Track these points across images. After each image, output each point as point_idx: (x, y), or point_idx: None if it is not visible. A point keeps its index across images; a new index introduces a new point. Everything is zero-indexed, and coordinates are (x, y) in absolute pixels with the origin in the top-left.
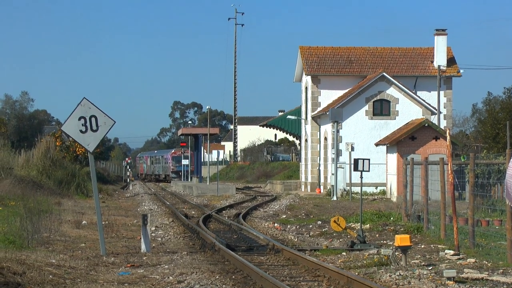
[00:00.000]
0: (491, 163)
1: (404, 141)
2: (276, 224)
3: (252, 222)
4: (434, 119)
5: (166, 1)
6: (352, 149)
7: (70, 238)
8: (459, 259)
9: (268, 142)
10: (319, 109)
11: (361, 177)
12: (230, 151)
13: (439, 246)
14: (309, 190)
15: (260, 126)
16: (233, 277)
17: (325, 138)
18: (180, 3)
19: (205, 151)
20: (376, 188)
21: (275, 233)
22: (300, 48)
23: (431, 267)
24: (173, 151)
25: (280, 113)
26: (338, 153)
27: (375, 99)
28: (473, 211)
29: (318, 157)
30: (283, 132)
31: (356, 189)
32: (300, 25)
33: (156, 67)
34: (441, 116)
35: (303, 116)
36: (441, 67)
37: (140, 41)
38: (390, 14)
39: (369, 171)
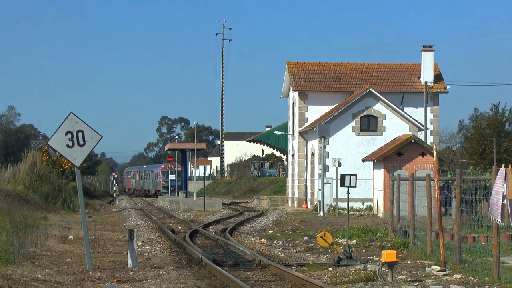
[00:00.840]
0: (478, 179)
1: (391, 157)
2: (262, 240)
3: (239, 238)
4: (421, 135)
5: (153, 16)
6: (339, 164)
7: (56, 253)
8: (445, 275)
9: (255, 157)
10: (306, 124)
11: (348, 193)
12: (217, 166)
13: (425, 262)
14: (296, 206)
15: (247, 141)
16: None
17: (312, 154)
18: (168, 18)
19: (192, 166)
20: (363, 203)
21: (262, 248)
22: (287, 64)
23: (417, 283)
24: (163, 165)
25: (267, 129)
26: (325, 168)
27: (362, 115)
28: (460, 227)
29: (305, 173)
30: (270, 147)
31: (343, 205)
32: (288, 41)
33: (143, 82)
34: (428, 132)
35: (290, 132)
36: (428, 83)
37: (127, 55)
38: (377, 30)
39: (356, 186)
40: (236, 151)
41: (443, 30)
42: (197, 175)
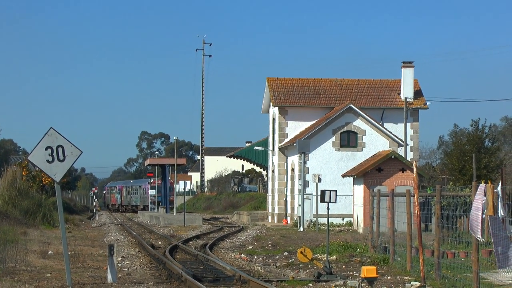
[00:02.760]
0: (457, 195)
1: (371, 173)
2: (242, 255)
3: (219, 253)
4: (400, 151)
5: (133, 30)
6: (319, 180)
7: (36, 268)
8: None
9: (235, 173)
10: (286, 140)
11: (328, 208)
12: (197, 181)
13: (405, 277)
14: (276, 221)
15: (227, 157)
16: None
17: (292, 169)
18: (148, 33)
19: (172, 181)
20: (343, 219)
21: (242, 264)
22: (267, 80)
23: None
24: (152, 180)
25: (247, 144)
26: (305, 184)
27: (342, 130)
28: (439, 243)
29: (285, 188)
30: (250, 163)
31: (323, 220)
32: (268, 56)
33: (123, 97)
34: (408, 148)
35: (270, 147)
36: (408, 99)
37: (108, 70)
38: (358, 46)
39: (336, 202)
40: (216, 166)
41: (423, 46)
42: (177, 191)
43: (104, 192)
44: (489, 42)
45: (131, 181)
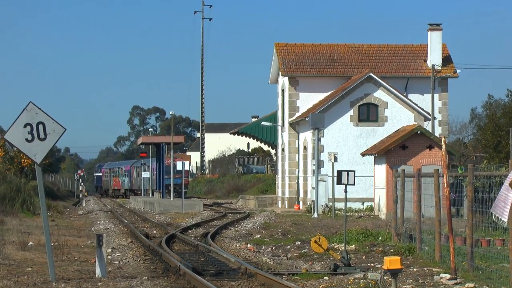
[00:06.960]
0: (492, 175)
1: (394, 151)
2: (249, 245)
3: (222, 243)
4: (427, 125)
5: None
6: (335, 159)
7: (14, 262)
8: (456, 283)
9: (240, 152)
10: (298, 114)
11: (345, 192)
12: (196, 162)
13: (433, 269)
14: (286, 206)
15: (230, 134)
16: None
17: (305, 147)
18: None
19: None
20: (363, 203)
21: (248, 255)
22: (275, 46)
23: None
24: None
25: (254, 119)
26: (320, 164)
27: (361, 103)
28: (472, 229)
29: (297, 169)
30: (257, 140)
31: (340, 205)
32: (276, 20)
33: (112, 67)
34: (436, 122)
35: (280, 123)
36: (436, 67)
37: (94, 37)
38: (378, 7)
39: (354, 184)
40: (219, 145)
41: (450, 8)
42: (174, 173)
43: (100, 174)
44: None
45: (142, 160)
